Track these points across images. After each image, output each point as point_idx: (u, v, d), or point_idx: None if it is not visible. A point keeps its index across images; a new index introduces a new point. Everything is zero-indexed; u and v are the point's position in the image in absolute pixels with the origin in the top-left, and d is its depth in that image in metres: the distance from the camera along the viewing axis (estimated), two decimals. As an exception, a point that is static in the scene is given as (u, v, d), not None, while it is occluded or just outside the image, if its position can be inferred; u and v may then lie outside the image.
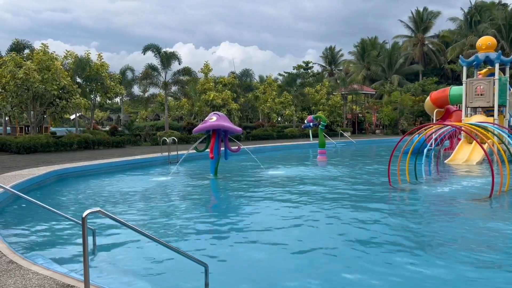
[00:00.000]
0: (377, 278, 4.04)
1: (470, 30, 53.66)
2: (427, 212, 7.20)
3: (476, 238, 5.49)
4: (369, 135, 39.30)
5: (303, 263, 4.46)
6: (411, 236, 5.46)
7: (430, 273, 4.12)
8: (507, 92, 16.44)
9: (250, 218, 6.58)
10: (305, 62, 51.76)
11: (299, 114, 39.66)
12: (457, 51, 49.45)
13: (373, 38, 62.05)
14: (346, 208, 7.29)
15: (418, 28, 59.65)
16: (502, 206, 7.66)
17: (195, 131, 11.25)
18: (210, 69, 31.25)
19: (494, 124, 12.42)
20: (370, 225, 6.05)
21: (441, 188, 9.28)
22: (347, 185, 10.00)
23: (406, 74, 57.55)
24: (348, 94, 42.17)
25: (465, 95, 16.66)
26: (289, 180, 10.76)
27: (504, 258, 4.63)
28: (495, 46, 16.96)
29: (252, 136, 29.49)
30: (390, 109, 41.35)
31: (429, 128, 10.49)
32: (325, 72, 66.77)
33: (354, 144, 27.55)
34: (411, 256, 4.65)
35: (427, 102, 21.32)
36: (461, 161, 14.86)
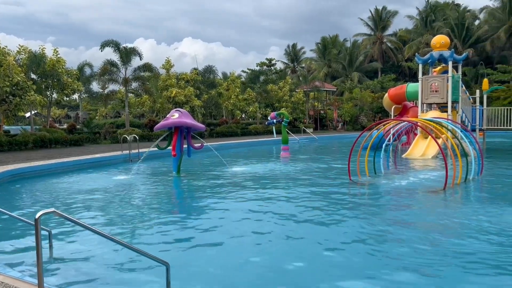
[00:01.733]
0: (339, 269, 4.13)
1: (425, 29, 55.76)
2: (385, 204, 7.43)
3: (431, 225, 5.72)
4: (331, 131, 40.06)
5: (266, 262, 4.49)
6: (370, 227, 5.62)
7: (390, 255, 4.26)
8: (459, 89, 17.21)
9: (213, 216, 6.55)
10: (268, 59, 51.99)
11: (262, 111, 39.85)
12: (414, 49, 51.30)
13: (334, 36, 63.23)
14: (308, 202, 7.39)
15: (377, 26, 61.36)
16: (455, 197, 8.02)
17: (157, 128, 11.06)
18: (172, 65, 30.80)
19: (448, 120, 12.98)
20: (331, 219, 6.18)
21: (398, 181, 9.60)
22: (309, 180, 10.16)
23: (365, 71, 59.09)
24: (310, 91, 42.77)
25: (421, 92, 17.30)
26: (253, 176, 10.80)
27: (454, 244, 4.85)
28: (448, 44, 17.70)
29: (216, 133, 29.36)
30: (350, 106, 42.30)
31: (387, 124, 10.82)
32: (288, 69, 67.38)
33: (316, 140, 28.00)
34: (373, 242, 4.80)
35: (385, 99, 21.98)
36: (417, 155, 15.44)
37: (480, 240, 5.04)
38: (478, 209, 6.81)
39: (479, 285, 3.79)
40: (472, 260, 4.37)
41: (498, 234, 5.24)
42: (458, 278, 3.94)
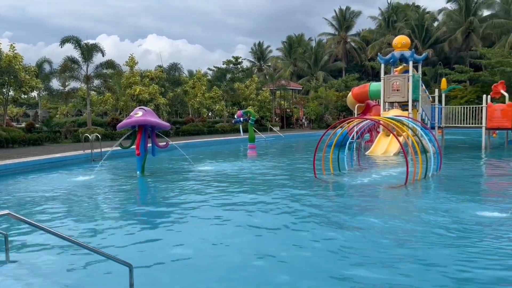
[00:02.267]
0: (305, 265, 4.18)
1: (388, 30, 57.35)
2: (349, 200, 7.59)
3: (393, 220, 5.89)
4: (297, 130, 40.49)
5: (230, 262, 4.47)
6: (336, 221, 5.72)
7: (349, 244, 4.36)
8: (419, 88, 17.79)
9: (178, 216, 6.47)
10: (235, 57, 51.91)
11: (229, 109, 39.77)
12: (376, 49, 52.66)
13: (299, 35, 63.92)
14: (274, 199, 7.44)
15: (341, 26, 62.54)
16: (416, 193, 8.29)
17: (120, 126, 10.80)
18: (135, 62, 30.18)
19: (409, 118, 13.39)
20: (296, 216, 6.24)
21: (362, 178, 9.82)
22: (275, 177, 10.22)
23: (330, 70, 60.10)
24: (277, 90, 43.09)
25: (383, 91, 17.77)
26: (219, 175, 10.75)
27: (416, 236, 5.02)
28: (409, 45, 18.26)
29: (182, 131, 29.03)
30: (316, 104, 42.92)
31: (350, 122, 11.04)
32: (255, 68, 67.56)
33: (283, 138, 28.22)
34: (338, 237, 4.88)
35: (349, 97, 22.44)
36: (380, 153, 15.86)
37: (439, 232, 5.23)
38: (437, 203, 7.07)
39: (439, 274, 3.92)
40: (432, 252, 4.52)
41: (456, 226, 5.45)
42: (419, 270, 4.06)
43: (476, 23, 50.32)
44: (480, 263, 4.19)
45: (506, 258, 4.33)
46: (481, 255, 4.42)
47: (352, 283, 3.81)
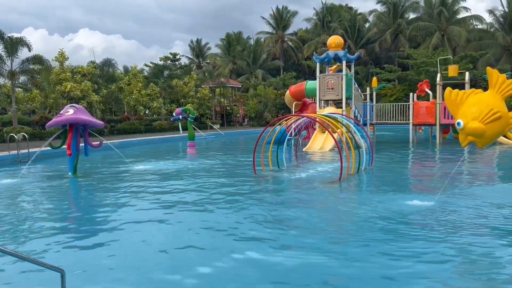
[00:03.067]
0: (243, 259, 4.22)
1: (323, 30, 59.23)
2: (288, 195, 7.77)
3: (328, 213, 6.12)
4: (237, 127, 40.65)
5: (167, 263, 4.40)
6: (274, 216, 5.82)
7: (291, 243, 4.47)
8: (352, 86, 18.61)
9: (113, 219, 6.21)
10: (173, 53, 50.84)
11: (167, 107, 38.95)
12: (312, 49, 54.22)
13: (238, 33, 64.07)
14: (215, 196, 7.42)
15: (278, 25, 63.55)
16: (349, 187, 8.67)
17: (49, 125, 10.19)
18: (66, 57, 28.55)
19: (343, 115, 13.97)
20: (237, 212, 6.27)
21: (299, 174, 10.09)
22: (216, 175, 10.20)
23: (268, 69, 60.91)
24: (216, 87, 42.92)
25: (318, 89, 18.37)
26: (158, 174, 10.51)
27: (349, 228, 5.26)
28: (342, 45, 19.01)
29: (117, 130, 27.99)
30: (255, 102, 43.33)
31: (288, 119, 11.29)
32: (193, 65, 66.73)
33: (223, 136, 28.20)
34: (277, 229, 4.98)
35: (287, 96, 22.93)
36: (316, 149, 16.38)
37: (370, 221, 5.52)
38: (369, 196, 7.45)
39: (375, 264, 4.14)
40: (365, 241, 4.76)
41: (386, 215, 5.79)
42: (350, 262, 4.26)
43: (404, 25, 53.55)
44: (407, 250, 4.47)
45: (428, 246, 4.66)
46: (409, 243, 4.72)
47: (286, 272, 3.91)
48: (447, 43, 49.69)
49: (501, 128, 5.36)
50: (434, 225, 5.38)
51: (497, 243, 4.67)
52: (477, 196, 7.19)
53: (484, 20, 53.07)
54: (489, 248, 4.49)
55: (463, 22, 52.35)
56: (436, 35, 49.91)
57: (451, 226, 5.33)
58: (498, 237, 4.87)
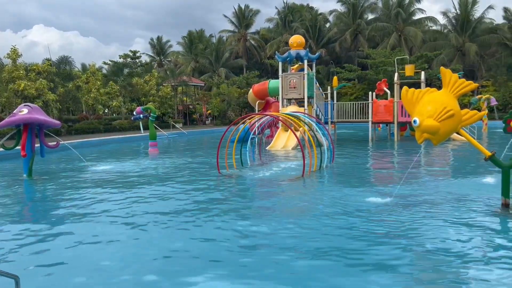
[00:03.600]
0: (205, 263, 4.19)
1: (284, 29, 59.77)
2: (251, 192, 7.80)
3: (292, 210, 6.19)
4: (201, 126, 40.33)
5: (129, 265, 4.30)
6: (238, 217, 5.82)
7: (257, 241, 4.49)
8: (314, 85, 18.90)
9: (71, 222, 5.99)
10: (133, 51, 49.71)
11: (128, 106, 38.07)
12: (275, 48, 54.58)
13: (200, 31, 63.51)
14: (178, 196, 7.33)
15: (241, 24, 63.54)
16: (311, 184, 8.80)
17: (1, 126, 9.70)
18: (19, 54, 27.27)
19: (305, 114, 14.16)
20: (200, 213, 6.22)
21: (263, 172, 10.15)
22: (179, 175, 10.07)
23: (231, 67, 60.80)
24: (178, 86, 42.34)
25: (281, 88, 18.52)
26: (118, 175, 10.25)
27: (310, 222, 5.34)
28: (304, 44, 19.25)
29: (75, 130, 27.06)
30: (218, 101, 43.14)
31: (252, 118, 11.32)
32: (154, 63, 65.58)
33: (186, 135, 27.90)
34: (240, 225, 4.98)
35: (250, 94, 22.97)
36: (279, 147, 16.53)
37: (331, 217, 5.63)
38: (331, 192, 7.60)
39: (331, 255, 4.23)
40: (330, 239, 4.85)
41: (347, 210, 5.92)
42: (313, 258, 4.33)
43: (363, 25, 54.98)
44: (367, 243, 4.60)
45: (387, 240, 4.81)
46: (369, 237, 4.86)
47: (254, 268, 3.93)
48: (404, 43, 51.47)
49: (454, 125, 5.60)
50: (393, 219, 5.57)
51: (453, 235, 4.88)
52: (434, 189, 7.50)
53: (438, 22, 55.43)
54: (445, 241, 4.69)
55: (418, 23, 54.40)
56: (394, 35, 51.59)
57: (409, 219, 5.52)
58: (454, 230, 5.09)
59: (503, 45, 48.29)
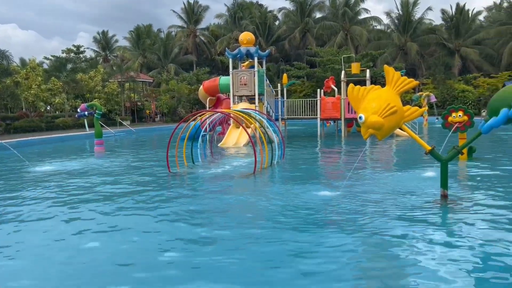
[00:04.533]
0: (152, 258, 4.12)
1: (234, 26, 59.70)
2: (203, 191, 7.74)
3: (245, 207, 6.22)
4: (149, 123, 39.42)
5: (75, 267, 4.14)
6: (190, 215, 5.76)
7: (209, 239, 4.47)
8: (264, 82, 19.06)
9: (10, 228, 5.63)
10: (76, 46, 47.49)
11: (72, 103, 36.44)
12: (225, 44, 54.43)
13: (148, 26, 61.88)
14: (126, 197, 7.11)
15: (190, 19, 62.67)
16: (263, 180, 8.89)
17: None
18: None
19: (256, 111, 14.25)
20: (149, 213, 6.08)
21: (215, 169, 10.11)
22: (127, 174, 9.78)
23: (181, 63, 59.89)
24: (126, 82, 41.08)
25: (232, 85, 18.50)
26: (62, 175, 9.79)
27: (259, 220, 5.40)
28: (254, 41, 19.34)
29: (14, 128, 25.51)
30: (168, 98, 42.36)
31: (203, 115, 11.22)
32: (100, 58, 63.23)
33: (134, 132, 27.16)
34: (195, 225, 4.93)
35: (201, 91, 22.76)
36: (231, 144, 16.53)
37: (281, 212, 5.72)
38: (281, 187, 7.72)
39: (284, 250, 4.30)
40: (281, 233, 4.92)
41: (298, 208, 6.04)
42: (272, 253, 4.38)
43: (311, 24, 56.12)
44: (317, 238, 4.73)
45: (337, 235, 4.97)
46: (318, 232, 4.99)
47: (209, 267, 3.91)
48: (350, 42, 53.19)
49: (397, 121, 5.86)
50: (341, 211, 5.75)
51: (397, 225, 5.13)
52: (379, 182, 7.83)
53: (382, 22, 57.83)
54: (390, 230, 4.91)
55: (364, 22, 56.43)
56: (341, 34, 53.15)
57: (356, 211, 5.73)
58: (397, 220, 5.35)
59: (441, 45, 51.26)
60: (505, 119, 5.39)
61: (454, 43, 50.28)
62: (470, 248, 4.28)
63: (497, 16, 55.34)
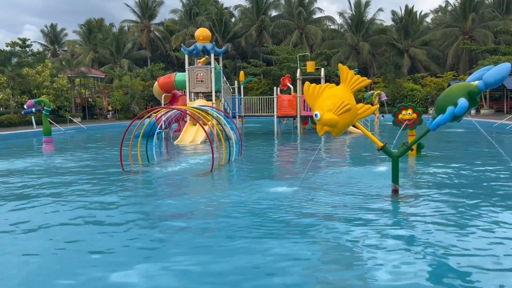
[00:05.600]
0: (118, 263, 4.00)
1: (190, 22, 58.92)
2: (160, 190, 7.59)
3: (199, 205, 6.16)
4: (102, 120, 38.15)
5: (31, 272, 3.94)
6: (145, 215, 5.63)
7: (170, 240, 4.39)
8: (221, 79, 18.97)
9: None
10: (22, 39, 45.02)
11: (17, 99, 34.52)
12: (180, 40, 53.59)
13: (99, 20, 59.76)
14: (76, 197, 6.84)
15: (144, 14, 61.14)
16: (221, 177, 8.85)
17: None
18: None
19: (213, 108, 14.15)
20: (103, 214, 5.89)
21: (171, 168, 9.95)
22: (77, 174, 9.40)
23: (135, 59, 58.36)
24: (76, 77, 39.43)
25: (188, 81, 18.27)
26: (7, 176, 9.26)
27: (218, 221, 5.38)
28: (210, 37, 19.18)
29: (-48, 125, 23.85)
30: (121, 94, 41.16)
31: (158, 112, 10.99)
32: (48, 52, 60.37)
33: (85, 130, 26.21)
34: (147, 224, 4.82)
35: (155, 87, 22.30)
36: (188, 142, 16.33)
37: (238, 210, 5.73)
38: (240, 184, 7.72)
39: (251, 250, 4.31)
40: (240, 230, 4.92)
41: (258, 202, 6.07)
42: (232, 250, 4.36)
43: (267, 21, 56.47)
44: (272, 235, 4.77)
45: (291, 230, 5.05)
46: (273, 229, 5.04)
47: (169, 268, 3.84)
48: (305, 41, 54.07)
49: (351, 119, 6.03)
50: (298, 206, 5.84)
51: (351, 219, 5.27)
52: (334, 178, 8.03)
53: (335, 21, 59.21)
54: (345, 225, 5.04)
55: (318, 22, 57.52)
56: (296, 33, 53.88)
57: (312, 205, 5.84)
58: (351, 214, 5.50)
59: (391, 45, 53.24)
60: (451, 116, 5.68)
61: (403, 44, 52.39)
62: (420, 240, 4.49)
63: (443, 18, 58.28)
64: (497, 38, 48.87)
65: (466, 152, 12.64)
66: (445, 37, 52.17)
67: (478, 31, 49.08)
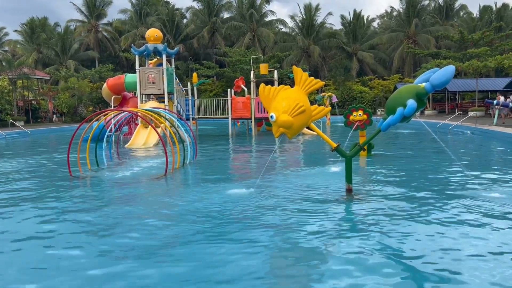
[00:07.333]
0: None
1: (140, 22, 57.52)
2: (110, 196, 7.28)
3: (153, 210, 5.96)
4: (46, 124, 36.32)
5: None
6: (98, 222, 5.36)
7: (119, 247, 4.19)
8: (173, 81, 18.65)
9: None
10: (-45, 37, 42.04)
11: (-49, 102, 32.08)
12: (130, 41, 52.14)
13: (43, 19, 56.87)
14: (20, 205, 6.41)
15: (91, 14, 58.96)
16: (175, 181, 8.65)
17: None
18: None
19: (166, 110, 13.85)
20: (53, 222, 5.55)
21: (122, 172, 9.59)
22: (20, 180, 8.83)
23: (82, 60, 56.13)
24: (18, 79, 37.27)
25: (139, 83, 17.80)
26: None
27: (176, 221, 5.23)
28: (161, 38, 18.82)
29: None
30: (67, 96, 39.41)
31: (107, 114, 10.58)
32: (-14, 52, 56.64)
33: (29, 134, 24.82)
34: (98, 233, 4.58)
35: (105, 89, 21.53)
36: (139, 145, 15.87)
37: (196, 214, 5.61)
38: (196, 188, 7.58)
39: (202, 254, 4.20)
40: (196, 234, 4.80)
41: (214, 204, 5.97)
42: (189, 254, 4.24)
43: (219, 23, 56.28)
44: (228, 237, 4.71)
45: (249, 232, 5.01)
46: (230, 230, 4.97)
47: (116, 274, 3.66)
48: (257, 43, 54.40)
49: (305, 120, 6.08)
50: (254, 207, 5.81)
51: (307, 219, 5.31)
52: (289, 179, 8.09)
53: (287, 24, 60.08)
54: (302, 226, 5.06)
55: (270, 24, 58.12)
56: (248, 35, 54.10)
57: (268, 206, 5.83)
58: (307, 214, 5.54)
59: (340, 49, 54.81)
60: (401, 117, 5.88)
61: (352, 47, 54.07)
62: (373, 237, 4.59)
63: (389, 23, 60.83)
64: (438, 43, 51.73)
65: (413, 151, 13.21)
66: (391, 41, 54.46)
67: (421, 36, 51.69)
